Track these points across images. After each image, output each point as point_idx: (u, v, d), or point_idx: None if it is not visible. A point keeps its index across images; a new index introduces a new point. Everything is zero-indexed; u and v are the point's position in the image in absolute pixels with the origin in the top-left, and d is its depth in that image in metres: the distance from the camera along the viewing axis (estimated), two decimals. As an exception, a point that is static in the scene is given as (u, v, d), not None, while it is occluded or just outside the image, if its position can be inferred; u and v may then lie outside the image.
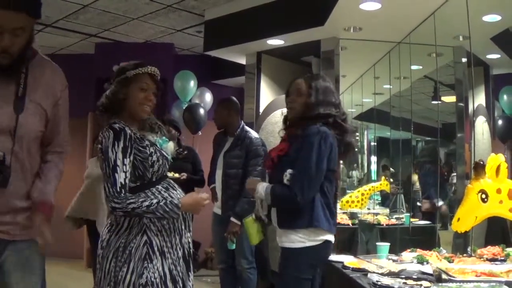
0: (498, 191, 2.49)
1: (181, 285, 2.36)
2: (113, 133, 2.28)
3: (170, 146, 2.53)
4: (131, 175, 2.30)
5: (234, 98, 4.39)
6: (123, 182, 2.24)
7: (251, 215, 2.82)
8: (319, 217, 2.56)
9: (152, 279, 2.26)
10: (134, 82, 2.40)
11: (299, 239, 2.54)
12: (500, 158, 2.50)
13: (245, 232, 3.99)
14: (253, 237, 2.86)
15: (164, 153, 2.43)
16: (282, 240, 2.60)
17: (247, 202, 3.92)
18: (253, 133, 4.23)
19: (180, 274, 2.37)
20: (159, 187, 2.37)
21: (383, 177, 6.31)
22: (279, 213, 2.62)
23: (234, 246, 4.00)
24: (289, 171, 2.53)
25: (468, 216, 2.52)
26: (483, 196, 2.48)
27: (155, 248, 2.30)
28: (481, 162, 2.53)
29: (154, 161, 2.34)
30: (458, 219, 2.53)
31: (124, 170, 2.25)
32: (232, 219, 3.94)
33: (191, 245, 2.47)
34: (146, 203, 2.23)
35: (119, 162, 2.25)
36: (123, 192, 2.23)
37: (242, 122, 4.29)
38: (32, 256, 2.05)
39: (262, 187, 2.61)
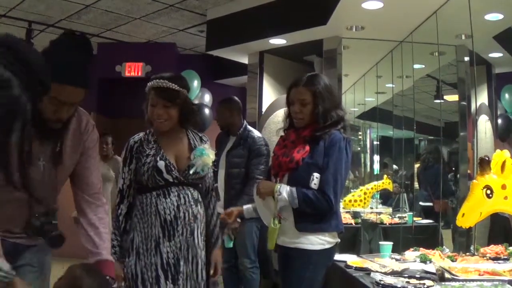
0: (503, 187, 2.48)
1: None
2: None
3: (204, 159, 2.50)
4: (136, 178, 2.50)
5: (236, 98, 4.37)
6: (120, 188, 2.53)
7: (275, 220, 2.59)
8: (342, 220, 2.69)
9: (127, 273, 2.43)
10: (148, 100, 2.51)
11: (319, 241, 2.53)
12: (505, 154, 2.50)
13: (247, 232, 4.03)
14: (274, 242, 2.65)
15: (160, 166, 2.43)
16: (299, 242, 2.54)
17: (249, 200, 3.90)
18: (256, 132, 4.23)
19: (150, 279, 2.39)
20: (153, 192, 2.46)
21: (385, 176, 6.30)
22: (301, 216, 2.55)
23: (231, 244, 4.00)
24: (316, 175, 2.51)
25: (473, 211, 2.51)
26: (488, 191, 2.47)
27: (134, 246, 2.45)
28: (486, 158, 2.52)
29: (144, 171, 2.45)
30: (463, 215, 2.52)
31: (123, 177, 2.53)
32: (234, 217, 3.94)
33: (173, 255, 2.42)
34: (113, 231, 2.46)
35: (121, 170, 2.56)
36: (119, 197, 2.52)
37: (245, 121, 4.29)
38: (45, 259, 2.11)
39: (286, 191, 2.52)
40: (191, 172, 2.49)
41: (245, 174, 4.03)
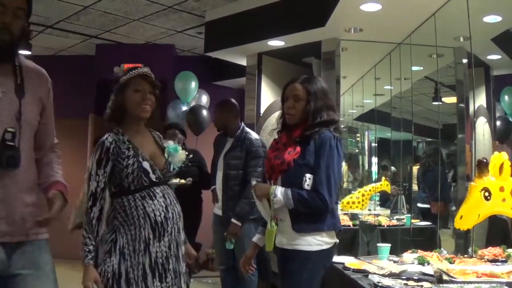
0: (501, 189, 2.48)
1: None
2: (97, 145, 2.50)
3: (179, 155, 2.59)
4: (112, 181, 2.47)
5: (233, 100, 4.39)
6: (93, 191, 2.43)
7: (273, 222, 2.59)
8: (339, 219, 2.71)
9: (106, 272, 2.39)
10: (128, 86, 2.52)
11: (317, 242, 2.54)
12: (503, 156, 2.50)
13: (245, 234, 4.03)
14: (273, 244, 2.66)
15: (146, 167, 2.46)
16: (297, 243, 2.55)
17: (248, 203, 3.91)
18: (253, 134, 4.23)
19: (136, 278, 2.40)
20: (137, 195, 2.45)
21: (383, 178, 6.31)
22: (297, 217, 2.56)
23: (232, 246, 4.01)
24: (308, 176, 2.52)
25: (471, 213, 2.51)
26: (486, 194, 2.47)
27: (117, 247, 2.43)
28: (485, 160, 2.53)
29: (128, 173, 2.44)
30: (461, 217, 2.52)
31: (97, 180, 2.44)
32: (233, 220, 3.94)
33: (161, 254, 2.45)
34: (87, 236, 2.38)
35: (93, 172, 2.45)
36: (91, 200, 2.43)
37: (242, 123, 4.29)
38: (44, 260, 2.03)
39: (281, 192, 2.53)
40: (171, 169, 2.56)
41: (243, 176, 4.03)
